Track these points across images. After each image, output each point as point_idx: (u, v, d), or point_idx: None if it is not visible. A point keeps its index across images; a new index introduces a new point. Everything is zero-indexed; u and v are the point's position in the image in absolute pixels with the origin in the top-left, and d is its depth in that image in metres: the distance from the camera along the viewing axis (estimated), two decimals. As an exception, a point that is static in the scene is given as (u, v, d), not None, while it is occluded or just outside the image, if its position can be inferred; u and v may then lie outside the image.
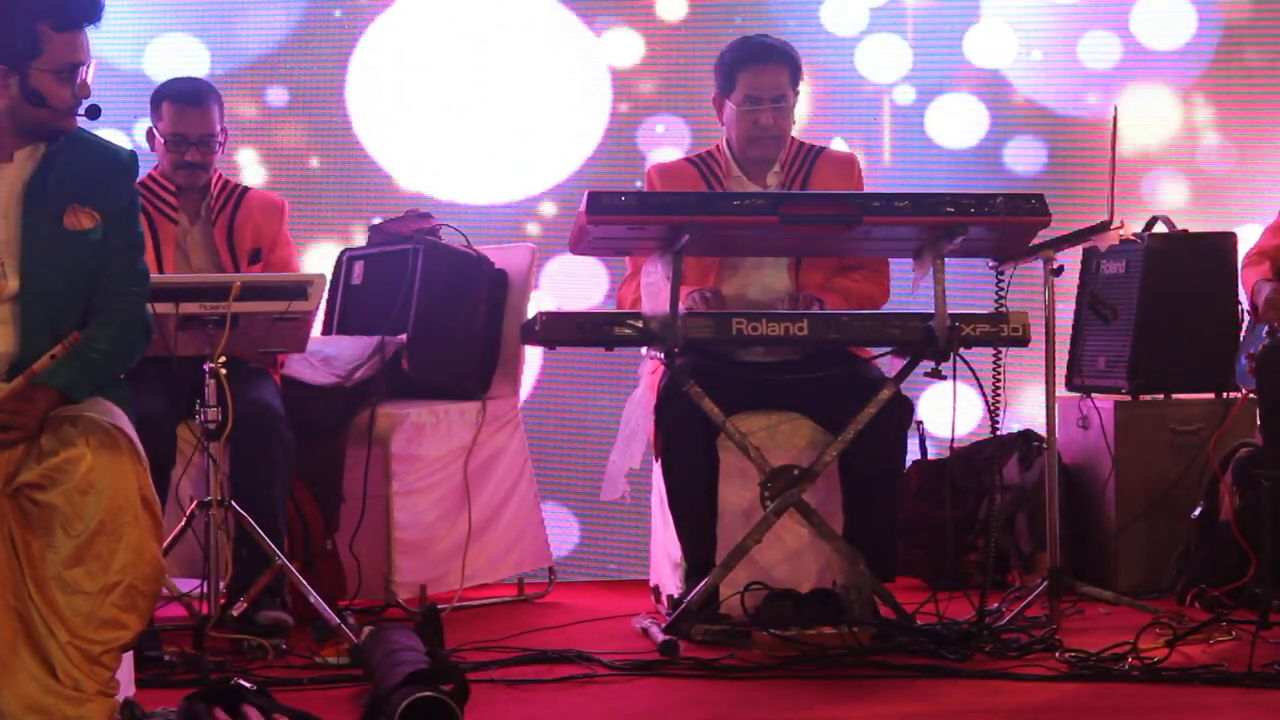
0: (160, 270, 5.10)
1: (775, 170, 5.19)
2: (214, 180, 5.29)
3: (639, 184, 5.99)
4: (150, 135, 5.28)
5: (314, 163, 6.45)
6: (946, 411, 4.87)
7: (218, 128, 5.24)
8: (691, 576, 4.90)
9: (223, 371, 4.55)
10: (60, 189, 3.65)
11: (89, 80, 3.66)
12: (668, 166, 5.32)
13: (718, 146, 5.25)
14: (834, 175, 5.18)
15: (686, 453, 4.95)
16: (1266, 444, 4.89)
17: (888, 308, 5.19)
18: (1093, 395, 5.72)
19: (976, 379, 4.76)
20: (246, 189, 5.38)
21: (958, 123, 6.37)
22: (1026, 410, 5.86)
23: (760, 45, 5.20)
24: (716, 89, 5.21)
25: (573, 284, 6.33)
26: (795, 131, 5.24)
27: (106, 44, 6.14)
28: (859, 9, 6.38)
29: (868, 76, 6.38)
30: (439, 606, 4.76)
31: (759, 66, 5.13)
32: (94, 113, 3.68)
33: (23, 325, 3.60)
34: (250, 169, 6.41)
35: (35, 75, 3.61)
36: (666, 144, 6.34)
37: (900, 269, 5.12)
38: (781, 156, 5.20)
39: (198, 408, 4.59)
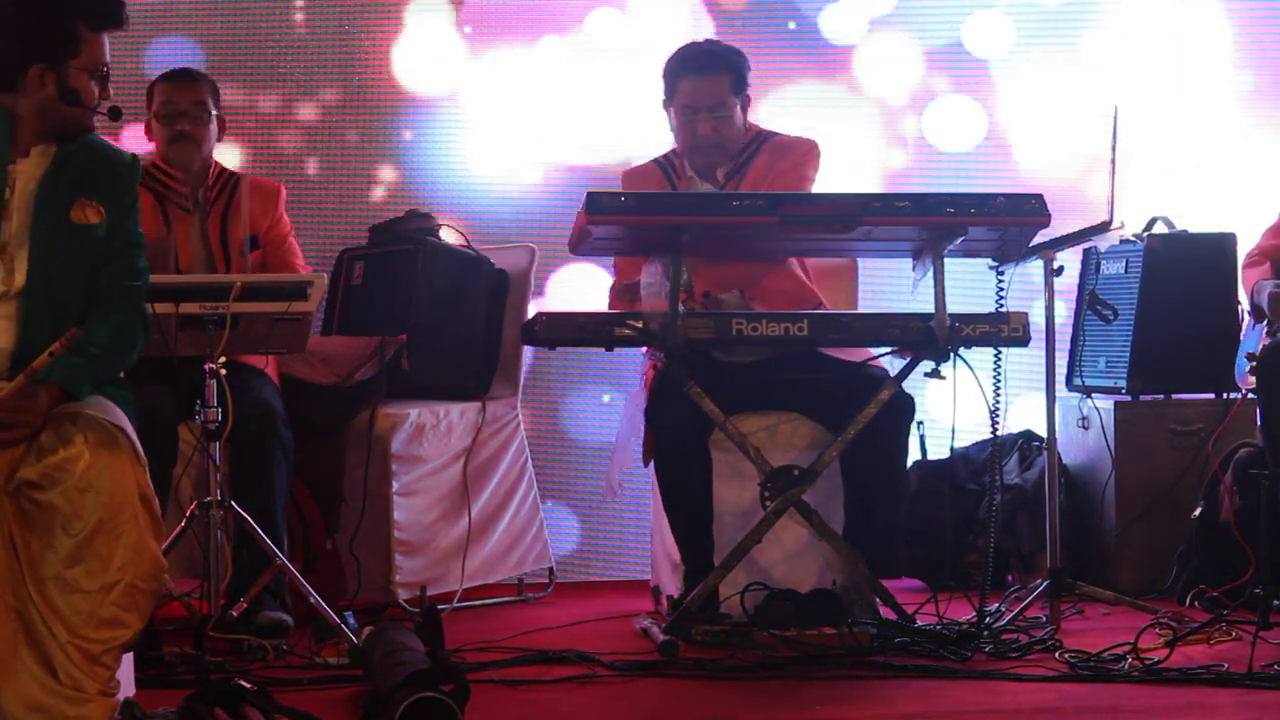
0: (171, 247, 5.12)
1: (725, 167, 5.17)
2: (211, 170, 5.29)
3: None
4: (148, 127, 5.30)
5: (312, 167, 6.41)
6: (946, 411, 4.88)
7: (209, 100, 5.26)
8: (691, 577, 4.89)
9: (223, 372, 4.55)
10: (70, 189, 3.69)
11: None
12: (635, 171, 5.31)
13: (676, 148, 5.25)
14: (768, 163, 5.13)
15: (679, 454, 4.94)
16: (1266, 444, 4.89)
17: (888, 307, 5.18)
18: (1093, 395, 5.72)
19: (977, 379, 4.76)
20: (243, 176, 5.38)
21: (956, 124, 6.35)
22: (1026, 410, 5.86)
23: (699, 53, 5.17)
24: (663, 96, 5.20)
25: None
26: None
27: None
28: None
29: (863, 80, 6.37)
30: (439, 606, 4.76)
31: (696, 77, 5.11)
32: (115, 114, 3.73)
33: (23, 320, 3.62)
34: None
35: (74, 74, 3.65)
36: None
37: (901, 268, 5.11)
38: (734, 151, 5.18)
39: (198, 408, 4.59)
